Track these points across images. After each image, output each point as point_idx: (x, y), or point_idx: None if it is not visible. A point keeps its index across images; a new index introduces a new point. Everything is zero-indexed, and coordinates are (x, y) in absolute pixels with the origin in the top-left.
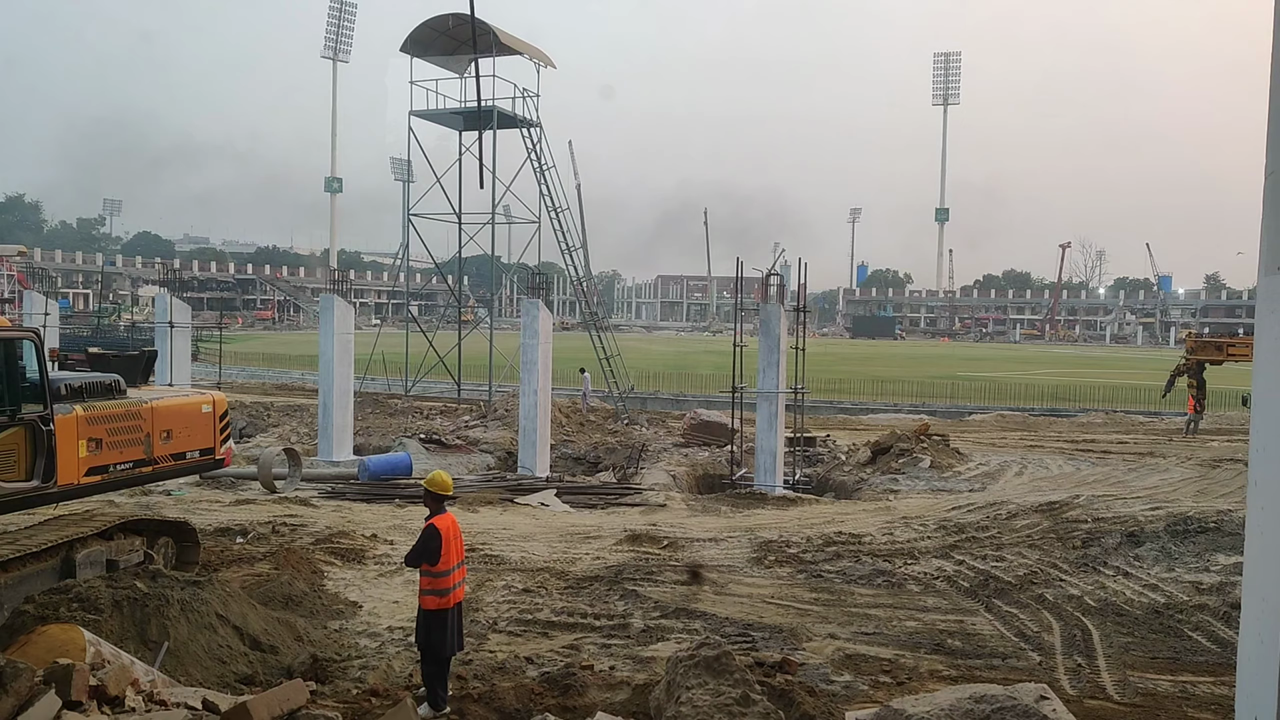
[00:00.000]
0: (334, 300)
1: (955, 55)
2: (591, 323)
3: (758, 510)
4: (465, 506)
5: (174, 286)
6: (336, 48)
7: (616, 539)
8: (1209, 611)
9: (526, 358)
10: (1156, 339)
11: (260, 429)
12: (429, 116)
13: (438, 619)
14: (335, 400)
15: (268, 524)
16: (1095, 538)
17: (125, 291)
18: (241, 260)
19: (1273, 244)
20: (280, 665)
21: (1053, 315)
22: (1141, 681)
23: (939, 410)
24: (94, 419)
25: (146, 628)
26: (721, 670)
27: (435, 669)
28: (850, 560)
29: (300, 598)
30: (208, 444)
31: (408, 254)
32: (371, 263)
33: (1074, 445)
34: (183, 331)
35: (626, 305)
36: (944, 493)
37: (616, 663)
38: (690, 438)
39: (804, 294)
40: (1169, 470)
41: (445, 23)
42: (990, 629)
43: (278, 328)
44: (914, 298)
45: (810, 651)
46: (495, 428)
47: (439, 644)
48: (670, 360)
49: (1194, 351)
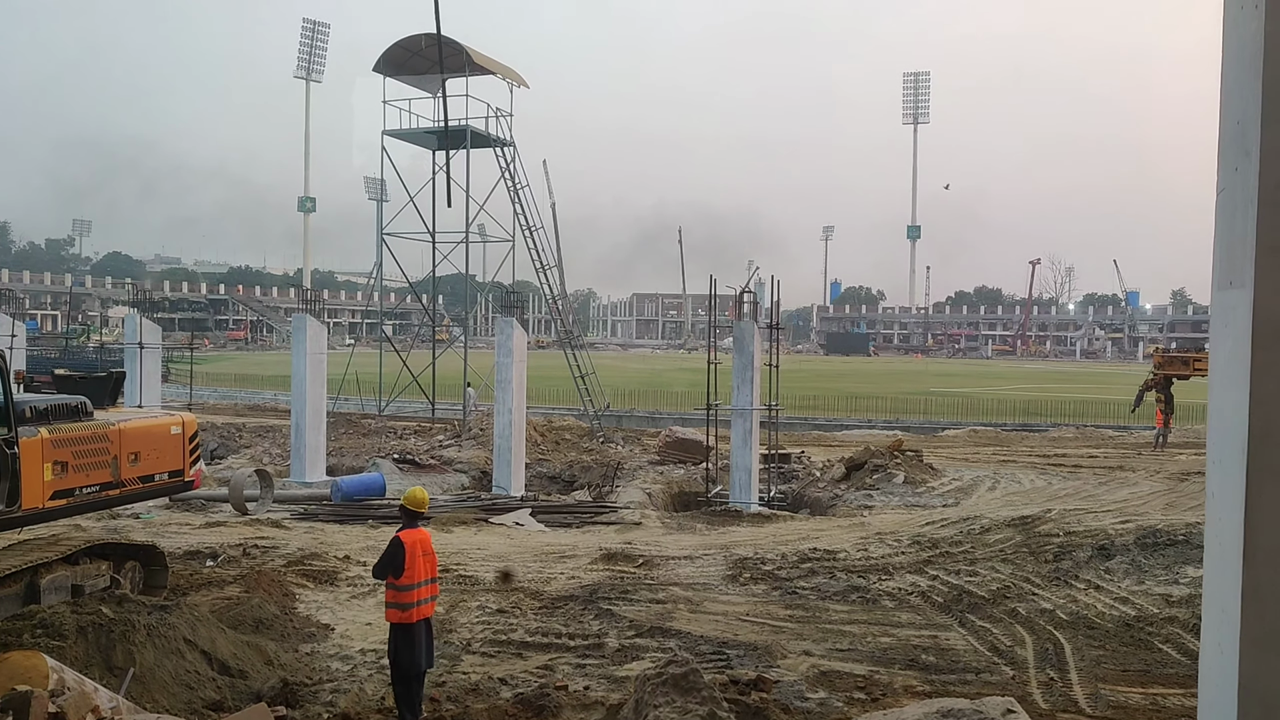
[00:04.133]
0: (307, 320)
1: (924, 75)
2: (566, 341)
3: (733, 527)
4: (439, 526)
5: (144, 307)
6: (310, 67)
7: (591, 558)
8: (1178, 624)
9: (501, 376)
10: (1125, 354)
11: (232, 450)
12: (402, 136)
13: (402, 634)
14: (308, 421)
15: (239, 546)
16: (1067, 551)
17: (94, 312)
18: (214, 280)
19: (1224, 261)
20: (250, 690)
21: (1024, 331)
22: (1113, 694)
23: (912, 426)
24: (59, 441)
25: (112, 654)
26: (689, 688)
27: (402, 688)
28: (825, 576)
29: (271, 621)
30: (177, 466)
31: (381, 273)
32: (345, 282)
33: (1045, 460)
34: (152, 352)
35: (602, 323)
36: (918, 508)
37: (591, 683)
38: (666, 455)
39: (778, 311)
40: (1138, 484)
41: (418, 43)
42: (964, 644)
43: (250, 348)
44: (887, 314)
45: (785, 669)
46: (470, 447)
47: (404, 660)
48: (645, 378)
49: (1161, 366)
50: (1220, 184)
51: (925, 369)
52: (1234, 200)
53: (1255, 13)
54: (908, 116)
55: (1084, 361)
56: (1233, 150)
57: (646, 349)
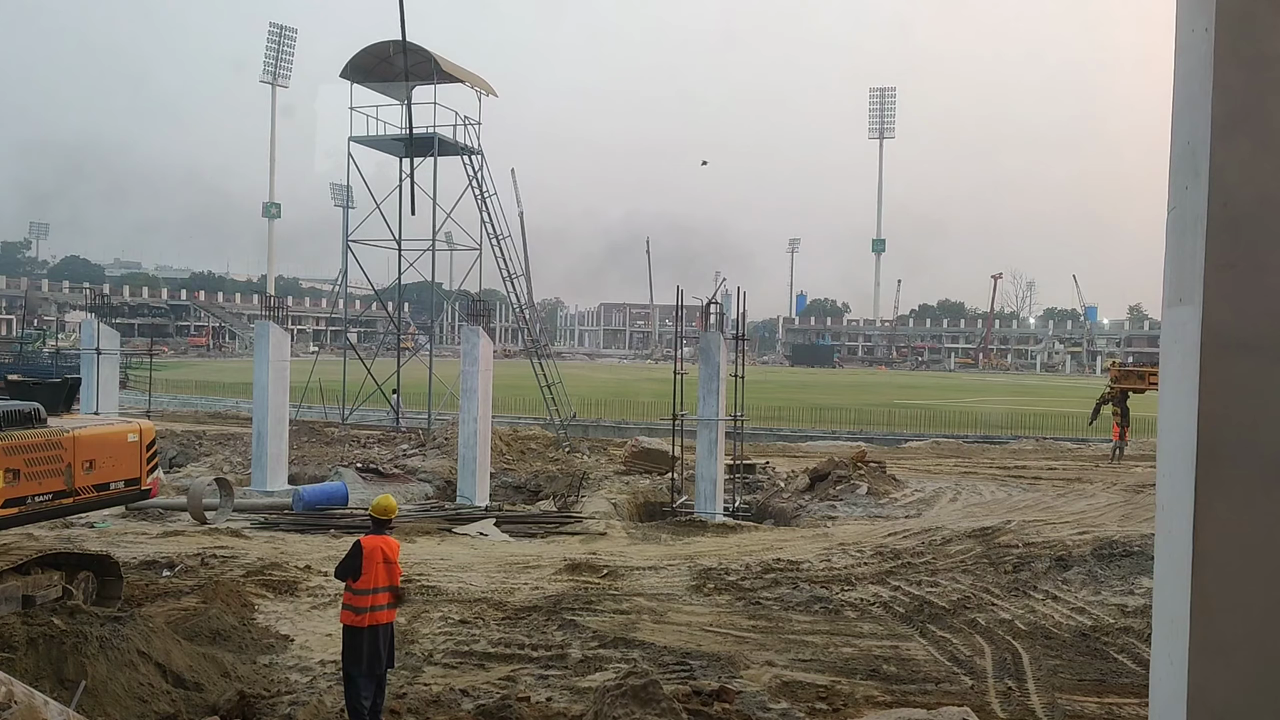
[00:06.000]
0: (270, 327)
1: (890, 90)
2: (533, 350)
3: (698, 538)
4: (402, 536)
5: (102, 312)
6: (276, 73)
7: (556, 568)
8: (1134, 634)
9: (466, 385)
10: (1083, 368)
11: (191, 458)
12: (369, 143)
13: (351, 635)
14: (270, 429)
15: (197, 556)
16: (1026, 562)
17: (50, 317)
18: (175, 286)
19: (1174, 278)
20: (205, 703)
21: (986, 344)
22: (1070, 704)
23: (876, 438)
24: (11, 449)
25: (63, 666)
26: (648, 699)
27: (351, 687)
28: (788, 587)
29: (229, 632)
30: (133, 474)
31: (346, 280)
32: (310, 289)
33: (1006, 471)
34: (110, 358)
35: (569, 333)
36: (881, 519)
37: (554, 694)
38: (631, 465)
39: (744, 322)
40: (1095, 495)
41: (386, 49)
42: (925, 654)
43: (212, 355)
44: (851, 326)
45: (748, 679)
46: (434, 456)
47: (347, 658)
48: (612, 388)
49: (1118, 380)
50: (1171, 203)
51: (889, 381)
52: (1184, 219)
53: (1205, 35)
54: (874, 131)
55: (1044, 374)
56: (1183, 170)
57: (614, 359)
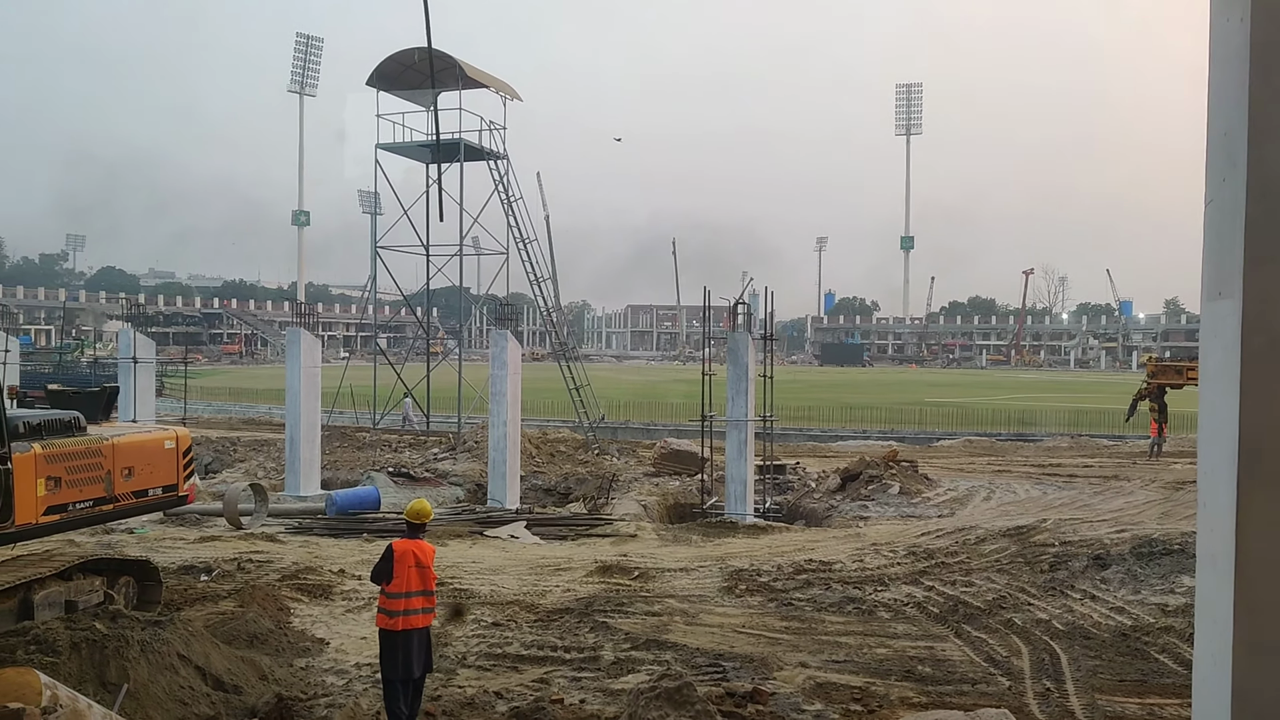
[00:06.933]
0: (301, 334)
1: (917, 86)
2: (561, 353)
3: (728, 539)
4: (434, 539)
5: (138, 321)
6: (304, 82)
7: (587, 570)
8: (1175, 633)
9: (496, 389)
10: (1119, 363)
11: (226, 464)
12: (396, 150)
13: (386, 639)
14: (302, 434)
15: (233, 561)
16: (1062, 561)
17: (88, 327)
18: (208, 294)
19: (1213, 271)
20: (244, 705)
21: (1017, 341)
22: (1109, 705)
23: (907, 436)
24: (53, 457)
25: (106, 669)
26: (682, 702)
27: (389, 691)
28: (821, 588)
29: (266, 635)
30: (170, 481)
31: (375, 286)
32: (340, 295)
33: (1040, 469)
34: (146, 367)
35: (597, 335)
36: (913, 518)
37: (587, 696)
38: (661, 467)
39: (772, 322)
40: (1134, 493)
41: (411, 56)
42: (960, 654)
43: (244, 362)
44: (881, 325)
45: (781, 680)
46: (464, 460)
47: (384, 662)
48: (640, 389)
49: (1155, 376)
50: (1208, 195)
51: (919, 379)
52: (1222, 211)
53: (1241, 25)
54: (900, 128)
55: (1078, 371)
56: (1220, 161)
57: (641, 360)
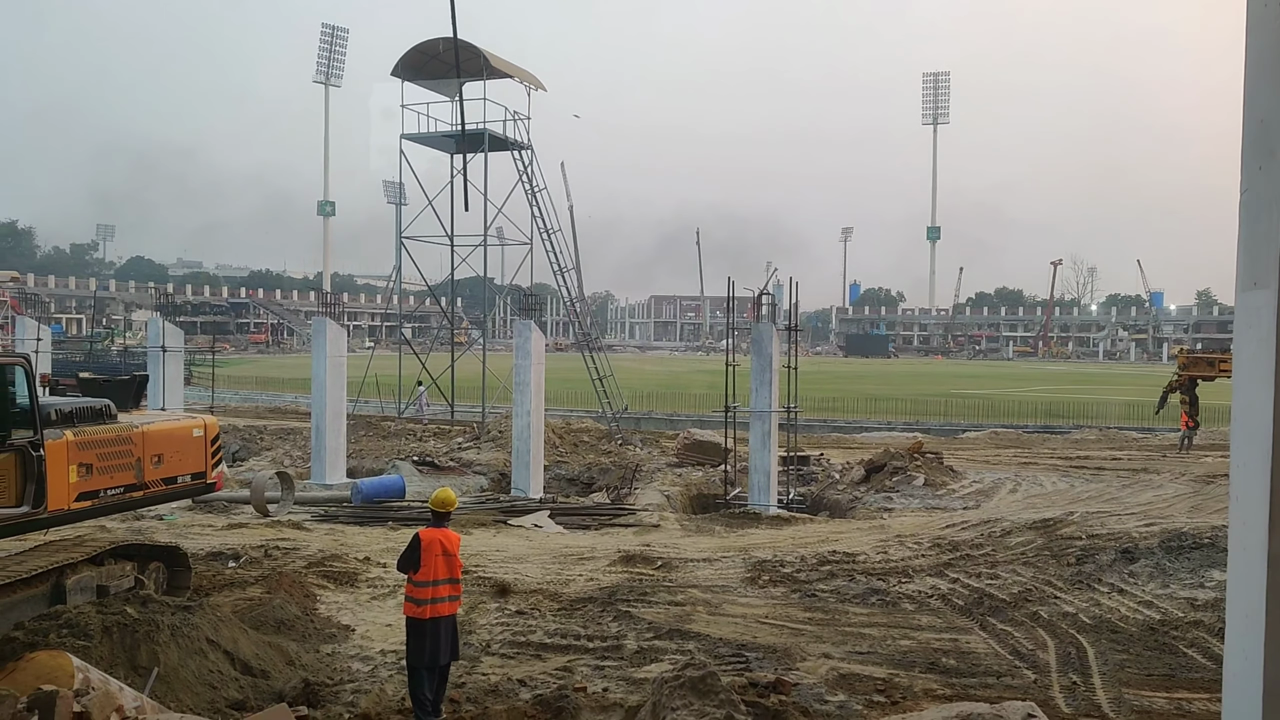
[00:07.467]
0: (326, 323)
1: (944, 75)
2: (585, 343)
3: (752, 530)
4: (458, 528)
5: (166, 311)
6: (329, 72)
7: (610, 560)
8: (1204, 628)
9: (520, 379)
10: (1150, 355)
11: (253, 452)
12: (421, 140)
13: (413, 627)
14: (328, 423)
15: (260, 548)
16: (1090, 554)
17: (118, 316)
18: (235, 284)
19: (1248, 261)
20: (272, 690)
21: (1045, 332)
22: (1137, 699)
23: (932, 428)
24: (84, 444)
25: (136, 653)
26: (706, 691)
27: (414, 679)
28: (844, 579)
29: (292, 622)
30: (199, 468)
31: (400, 276)
32: (365, 285)
33: (1068, 462)
34: (175, 356)
35: (620, 326)
36: (938, 510)
37: (610, 684)
38: (684, 457)
39: (796, 313)
40: (1163, 486)
41: (436, 47)
42: (985, 647)
43: (271, 351)
44: (906, 316)
45: (804, 671)
46: (489, 449)
47: (410, 650)
48: (664, 380)
49: (1186, 367)
50: (1244, 184)
51: (945, 370)
52: (1258, 200)
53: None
54: (927, 117)
55: (1107, 363)
56: (1256, 150)
57: (664, 351)
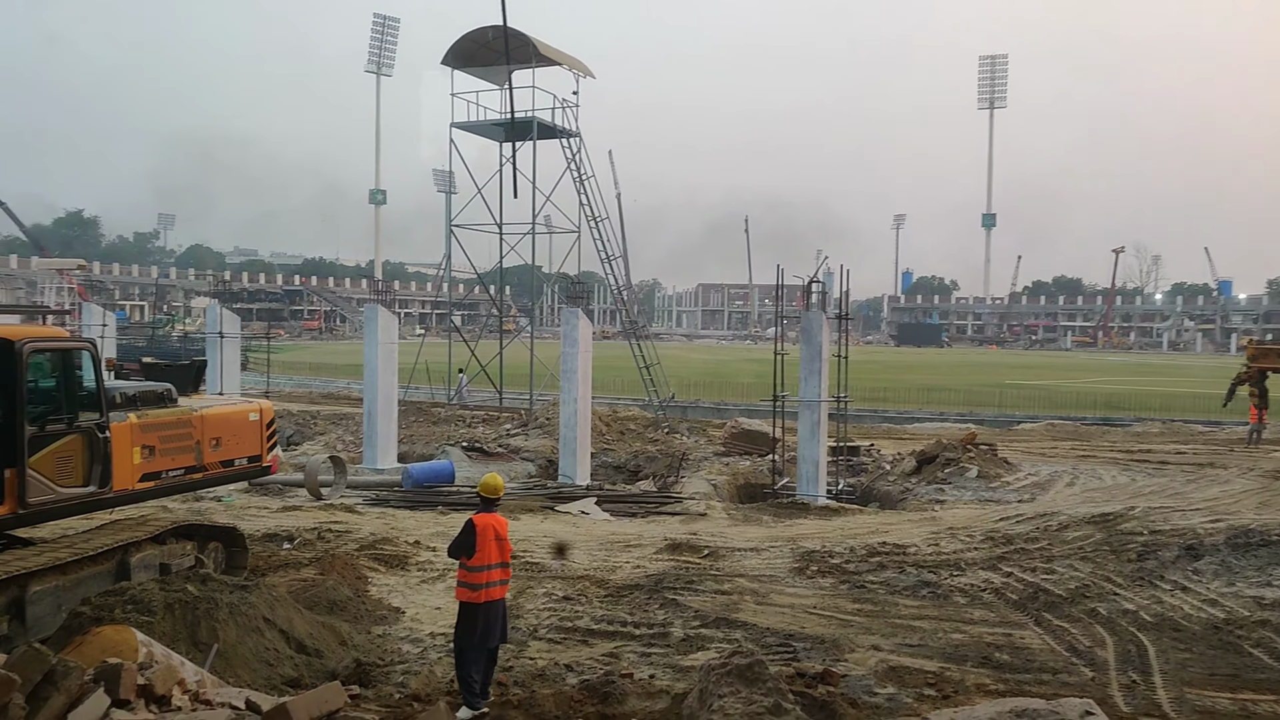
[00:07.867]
0: (378, 310)
1: (1001, 58)
2: (632, 331)
3: (800, 520)
4: (506, 513)
5: (224, 298)
6: (380, 62)
7: (657, 548)
8: (1271, 627)
9: (567, 366)
10: (1217, 346)
11: (307, 437)
12: (470, 128)
13: (466, 611)
14: (380, 409)
15: (313, 530)
16: (1151, 551)
17: (178, 303)
18: (289, 272)
19: None
20: (325, 669)
21: (1105, 322)
22: (1199, 699)
23: (986, 419)
24: (147, 426)
25: (197, 630)
26: (754, 679)
27: (461, 660)
28: (894, 571)
29: (344, 603)
30: (255, 451)
31: (450, 264)
32: (415, 273)
33: (1129, 455)
34: (232, 341)
35: (667, 314)
36: (992, 503)
37: (656, 671)
38: (731, 446)
39: (847, 301)
40: (1230, 481)
41: (485, 35)
42: (1040, 643)
43: (324, 338)
44: (960, 305)
45: (853, 663)
46: (536, 436)
47: (461, 632)
48: (711, 369)
49: (1255, 359)
50: None
51: (1000, 360)
52: None
53: None
54: (984, 101)
55: (1171, 354)
56: None
57: (712, 340)
